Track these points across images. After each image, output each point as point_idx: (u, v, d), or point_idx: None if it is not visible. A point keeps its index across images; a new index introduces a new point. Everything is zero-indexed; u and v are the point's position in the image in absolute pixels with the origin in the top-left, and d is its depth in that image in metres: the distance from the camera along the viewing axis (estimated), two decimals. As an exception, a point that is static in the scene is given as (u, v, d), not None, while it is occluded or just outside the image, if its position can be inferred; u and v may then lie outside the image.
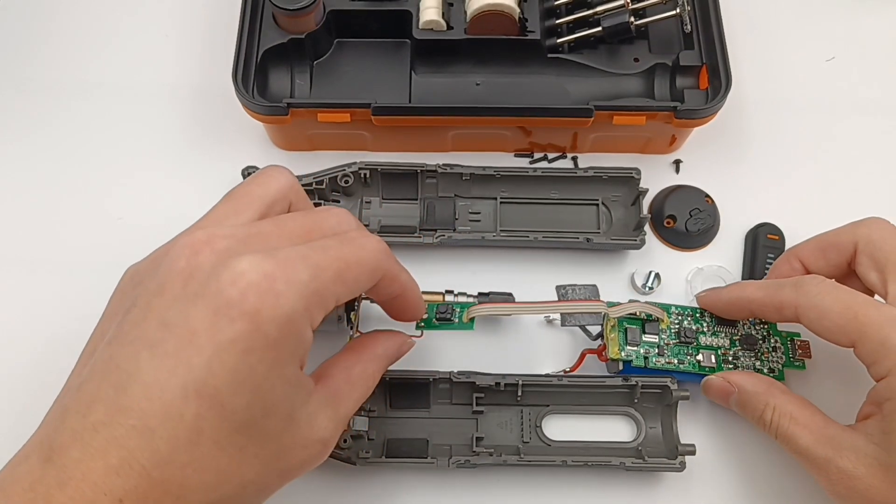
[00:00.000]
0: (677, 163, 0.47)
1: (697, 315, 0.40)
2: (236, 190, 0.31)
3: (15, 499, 0.24)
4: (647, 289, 0.43)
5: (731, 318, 0.40)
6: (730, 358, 0.39)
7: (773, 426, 0.35)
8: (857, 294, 0.34)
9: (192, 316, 0.25)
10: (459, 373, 0.38)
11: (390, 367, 0.35)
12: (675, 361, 0.38)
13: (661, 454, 0.38)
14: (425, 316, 0.38)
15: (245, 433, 0.26)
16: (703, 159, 0.47)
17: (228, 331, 0.25)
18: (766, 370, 0.39)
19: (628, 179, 0.43)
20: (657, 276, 0.43)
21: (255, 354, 0.25)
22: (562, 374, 0.40)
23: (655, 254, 0.44)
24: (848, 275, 0.36)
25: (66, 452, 0.25)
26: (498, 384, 0.38)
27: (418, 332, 0.38)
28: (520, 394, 0.38)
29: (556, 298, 0.38)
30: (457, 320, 0.38)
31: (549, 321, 0.42)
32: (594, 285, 0.37)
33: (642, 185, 0.43)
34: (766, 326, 0.40)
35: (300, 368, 0.28)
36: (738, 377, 0.37)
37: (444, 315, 0.38)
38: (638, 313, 0.39)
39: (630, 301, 0.39)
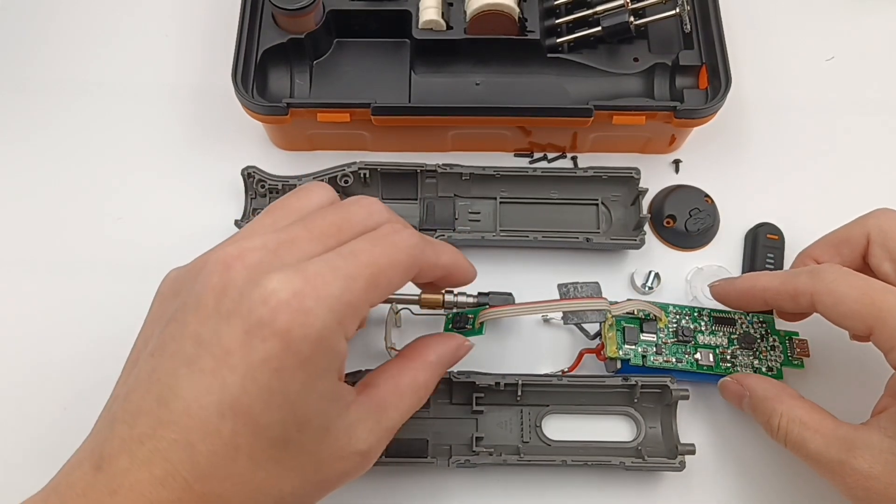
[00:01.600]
0: (677, 163, 0.47)
1: (696, 314, 0.40)
2: (275, 203, 0.31)
3: None
4: (646, 289, 0.43)
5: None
6: (728, 357, 0.39)
7: (782, 432, 0.34)
8: (873, 281, 0.33)
9: (226, 334, 0.26)
10: (459, 372, 0.38)
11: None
12: (674, 360, 0.38)
13: (661, 454, 0.38)
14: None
15: (281, 448, 0.26)
16: (703, 159, 0.47)
17: (260, 350, 0.25)
18: (764, 369, 0.39)
19: (628, 179, 0.43)
20: (657, 275, 0.43)
21: (287, 372, 0.26)
22: (560, 374, 0.40)
23: (655, 253, 0.44)
24: (862, 269, 0.36)
25: (115, 461, 0.25)
26: (497, 384, 0.38)
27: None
28: (519, 393, 0.38)
29: (558, 297, 0.38)
30: (471, 327, 0.38)
31: (548, 320, 0.42)
32: (596, 282, 0.37)
33: (642, 184, 0.43)
34: (764, 325, 0.40)
35: (337, 379, 0.28)
36: (751, 380, 0.36)
37: (460, 325, 0.38)
38: (636, 312, 0.39)
39: (628, 300, 0.39)
